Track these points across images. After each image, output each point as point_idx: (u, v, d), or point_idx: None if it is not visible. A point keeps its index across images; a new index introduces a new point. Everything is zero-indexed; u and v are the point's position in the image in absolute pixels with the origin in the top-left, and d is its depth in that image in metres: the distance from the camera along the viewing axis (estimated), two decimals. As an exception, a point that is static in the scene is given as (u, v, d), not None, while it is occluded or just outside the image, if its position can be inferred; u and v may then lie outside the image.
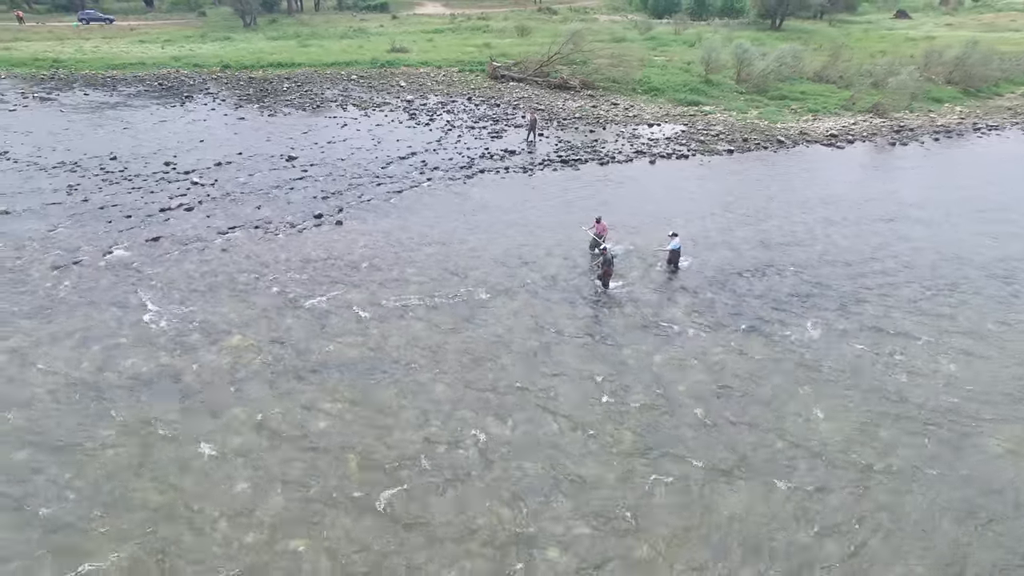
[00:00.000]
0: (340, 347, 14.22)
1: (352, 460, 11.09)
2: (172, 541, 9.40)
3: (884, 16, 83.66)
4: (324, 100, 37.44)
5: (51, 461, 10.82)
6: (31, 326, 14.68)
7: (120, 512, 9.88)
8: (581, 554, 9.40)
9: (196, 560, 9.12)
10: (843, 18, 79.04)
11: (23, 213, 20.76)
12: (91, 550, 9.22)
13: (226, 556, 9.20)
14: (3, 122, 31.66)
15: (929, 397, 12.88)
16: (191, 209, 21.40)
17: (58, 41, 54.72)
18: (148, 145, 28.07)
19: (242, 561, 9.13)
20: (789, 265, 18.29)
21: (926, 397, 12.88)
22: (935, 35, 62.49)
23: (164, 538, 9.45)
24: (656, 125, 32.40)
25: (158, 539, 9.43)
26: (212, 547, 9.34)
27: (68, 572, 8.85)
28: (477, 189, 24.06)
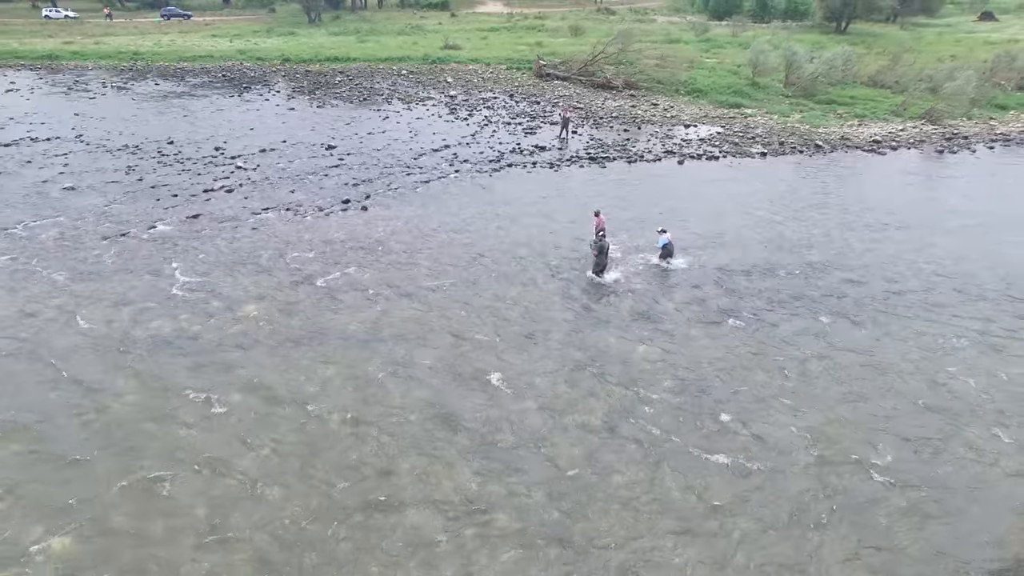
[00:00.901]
0: (343, 321, 15.24)
1: (334, 419, 12.02)
2: (162, 479, 10.54)
3: (967, 19, 79.57)
4: (371, 93, 39.01)
5: (77, 403, 12.21)
6: (77, 287, 16.36)
7: (126, 450, 11.11)
8: (527, 517, 10.00)
9: (181, 494, 10.22)
10: (918, 21, 75.72)
11: (86, 189, 22.86)
12: (98, 477, 10.46)
13: (205, 494, 10.27)
14: (83, 108, 34.56)
15: (904, 405, 12.81)
16: (231, 191, 23.04)
17: (140, 35, 58.73)
18: (203, 131, 30.16)
19: (218, 499, 10.17)
20: (796, 267, 18.25)
21: (901, 405, 12.82)
22: (1020, 38, 59.14)
23: (156, 476, 10.60)
24: (692, 126, 32.35)
25: (151, 476, 10.59)
26: (195, 483, 10.44)
27: (75, 497, 10.09)
28: (502, 182, 24.82)
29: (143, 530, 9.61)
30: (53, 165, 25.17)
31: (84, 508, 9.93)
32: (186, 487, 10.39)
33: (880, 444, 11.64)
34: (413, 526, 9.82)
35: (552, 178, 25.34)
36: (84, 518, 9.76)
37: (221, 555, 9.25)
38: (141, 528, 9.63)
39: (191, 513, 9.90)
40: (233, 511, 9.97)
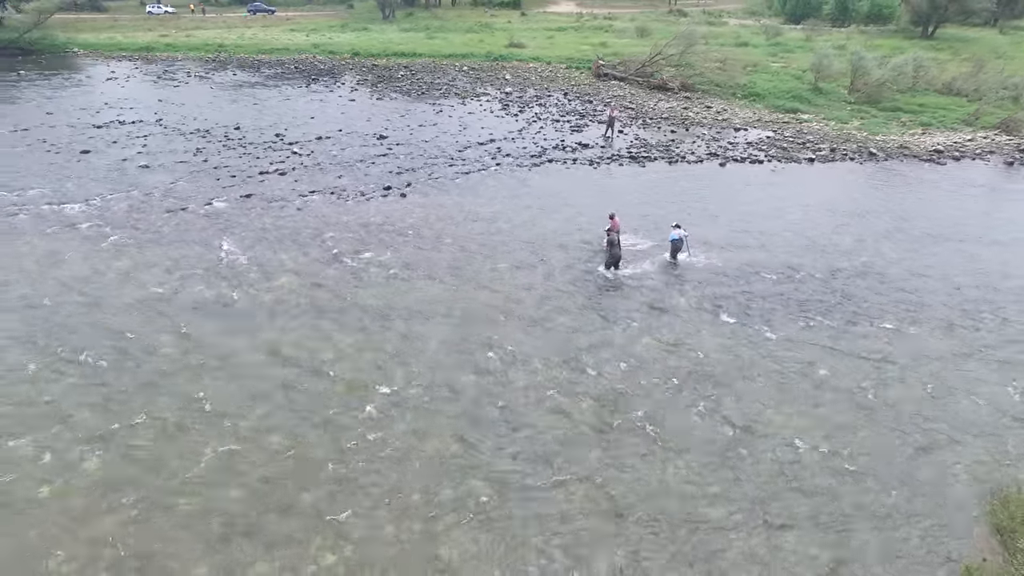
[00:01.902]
0: (365, 296, 16.34)
1: (341, 384, 13.06)
2: (181, 419, 11.86)
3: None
4: (430, 88, 40.39)
5: (123, 349, 13.78)
6: (137, 253, 18.19)
7: (156, 392, 12.52)
8: (509, 481, 10.69)
9: (193, 432, 11.48)
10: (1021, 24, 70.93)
11: (158, 168, 25.06)
12: (131, 411, 11.88)
13: (217, 436, 11.49)
14: (166, 95, 37.53)
15: (897, 415, 12.70)
16: (284, 174, 24.71)
17: (227, 29, 62.59)
18: (268, 119, 32.26)
19: (225, 445, 11.36)
20: (818, 272, 18.07)
21: (895, 414, 12.71)
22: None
23: (177, 415, 11.93)
24: (743, 130, 31.98)
25: (172, 416, 11.93)
26: (208, 428, 11.68)
27: (111, 424, 11.53)
28: (540, 177, 25.47)
29: (161, 456, 10.91)
30: (134, 146, 27.66)
31: (117, 434, 11.35)
32: (199, 427, 11.66)
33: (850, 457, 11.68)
34: (384, 481, 10.70)
35: (590, 175, 25.79)
36: (116, 442, 11.17)
37: (220, 488, 10.41)
38: (159, 455, 10.95)
39: (199, 450, 11.14)
40: (234, 456, 11.13)
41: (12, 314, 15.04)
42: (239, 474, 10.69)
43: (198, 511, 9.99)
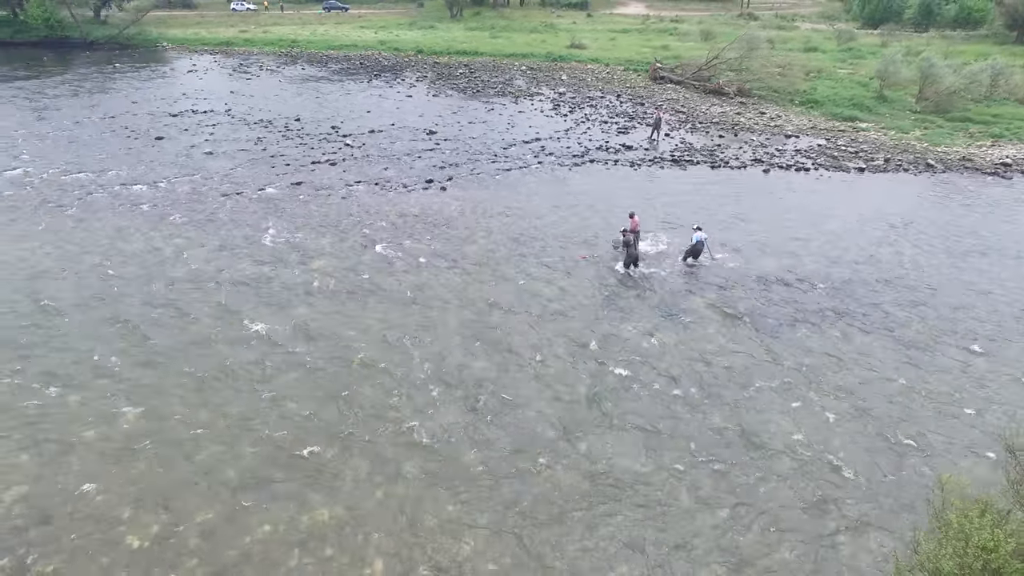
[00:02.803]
0: (392, 281, 17.27)
1: (356, 361, 13.98)
2: (212, 381, 13.03)
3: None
4: (486, 86, 41.29)
5: (168, 318, 15.18)
6: (192, 232, 19.77)
7: (193, 357, 13.78)
8: (496, 457, 11.32)
9: (221, 394, 12.62)
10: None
11: (220, 155, 26.91)
12: (169, 373, 13.16)
13: (240, 398, 12.60)
14: (238, 87, 39.91)
15: (907, 423, 12.56)
16: (335, 164, 26.07)
17: (301, 25, 65.53)
18: (327, 111, 33.92)
19: (246, 406, 12.44)
20: (845, 282, 17.80)
21: (905, 423, 12.57)
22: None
23: (208, 378, 13.11)
24: (794, 137, 31.35)
25: (204, 378, 13.12)
26: (232, 391, 12.81)
27: (151, 382, 12.82)
28: (579, 176, 25.89)
29: (187, 411, 12.10)
30: (202, 133, 29.74)
31: (152, 390, 12.63)
32: (225, 389, 12.81)
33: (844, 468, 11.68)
34: (380, 451, 11.51)
35: (629, 176, 26.00)
36: (150, 397, 12.45)
37: (235, 445, 11.47)
38: (186, 410, 12.14)
39: (222, 409, 12.28)
40: (252, 418, 12.20)
41: (82, 280, 16.75)
42: (254, 433, 11.73)
43: (214, 462, 11.07)
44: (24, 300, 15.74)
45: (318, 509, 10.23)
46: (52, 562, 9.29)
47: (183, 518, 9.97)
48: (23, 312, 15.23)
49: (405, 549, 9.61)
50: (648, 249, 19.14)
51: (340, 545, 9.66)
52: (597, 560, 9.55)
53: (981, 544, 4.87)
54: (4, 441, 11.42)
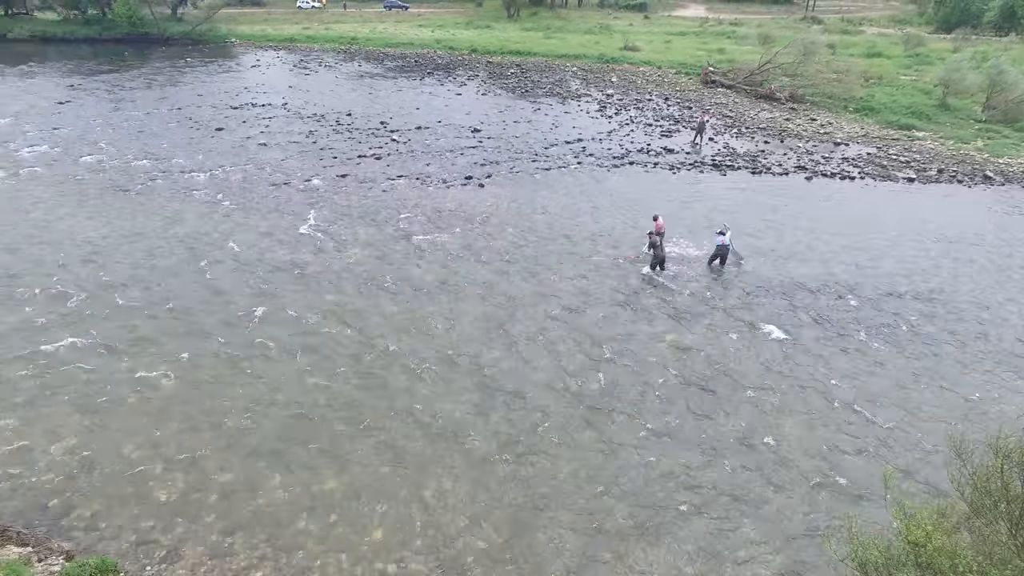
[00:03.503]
0: (421, 272, 17.97)
1: (380, 344, 14.71)
2: (241, 357, 13.98)
3: None
4: (535, 86, 41.75)
5: (207, 296, 16.30)
6: (239, 218, 21.00)
7: (227, 333, 14.79)
8: (498, 443, 11.82)
9: (251, 369, 13.54)
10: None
11: (273, 146, 28.30)
12: (205, 347, 14.20)
13: (267, 374, 13.49)
14: (296, 82, 41.61)
15: (895, 437, 12.39)
16: (379, 158, 27.06)
17: (362, 23, 67.44)
18: (378, 107, 35.07)
19: (272, 381, 13.31)
20: (875, 292, 17.49)
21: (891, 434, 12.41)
22: None
23: (237, 355, 14.08)
24: (843, 145, 30.62)
25: (234, 355, 14.08)
26: (261, 367, 13.72)
27: (186, 352, 13.87)
28: (617, 178, 26.08)
29: (218, 383, 13.06)
30: (258, 126, 31.28)
31: (189, 361, 13.68)
32: (254, 365, 13.74)
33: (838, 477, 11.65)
34: (387, 431, 12.16)
35: (666, 179, 26.02)
36: (188, 368, 13.48)
37: (259, 416, 12.34)
38: (218, 381, 13.10)
39: (250, 382, 13.20)
40: (277, 392, 13.06)
41: (138, 259, 18.11)
42: (276, 406, 12.58)
43: (238, 430, 11.95)
44: (86, 274, 17.16)
45: (327, 479, 10.96)
46: (91, 508, 10.30)
47: (206, 478, 10.86)
48: (85, 286, 16.62)
49: (404, 522, 10.21)
50: (677, 252, 19.24)
51: (345, 513, 10.34)
52: (581, 544, 9.92)
53: (912, 540, 5.05)
54: (60, 400, 12.61)
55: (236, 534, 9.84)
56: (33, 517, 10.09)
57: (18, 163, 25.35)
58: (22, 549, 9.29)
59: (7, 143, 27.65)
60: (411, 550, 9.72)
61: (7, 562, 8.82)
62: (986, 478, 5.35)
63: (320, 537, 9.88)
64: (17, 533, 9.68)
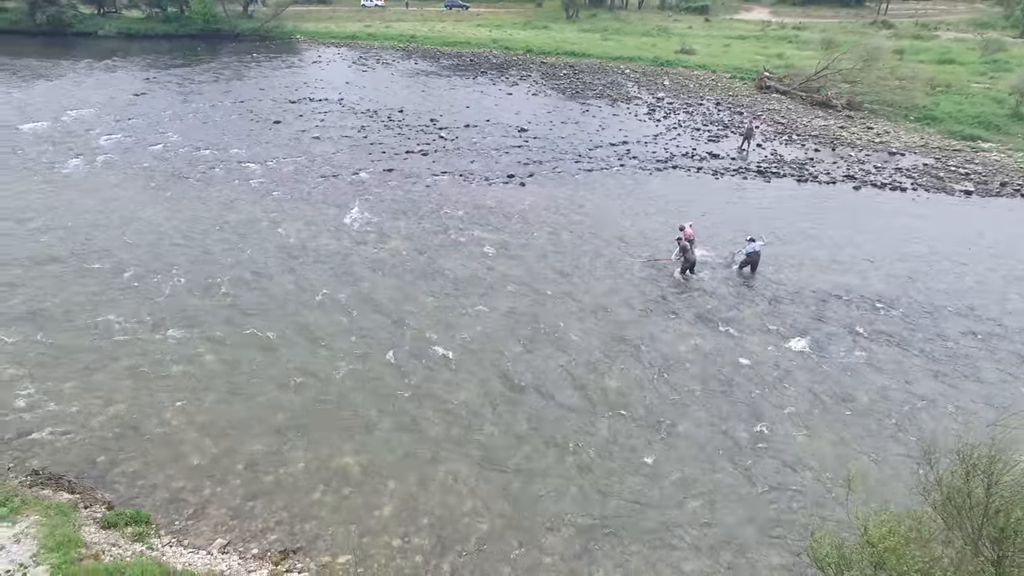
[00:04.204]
0: (455, 265, 18.56)
1: (410, 333, 15.35)
2: (274, 339, 14.86)
3: None
4: (586, 88, 41.91)
5: (252, 279, 17.30)
6: (288, 207, 22.09)
7: (267, 314, 15.72)
8: (512, 433, 12.26)
9: (283, 351, 14.39)
10: None
11: (326, 140, 29.50)
12: (243, 325, 15.16)
13: (299, 355, 14.30)
14: (353, 79, 43.04)
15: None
16: (426, 154, 27.85)
17: (422, 22, 68.93)
18: (429, 105, 35.97)
19: (304, 362, 14.12)
20: (912, 306, 17.06)
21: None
22: None
23: (275, 335, 14.95)
24: (899, 155, 29.64)
25: (271, 336, 14.97)
26: (295, 347, 14.55)
27: (222, 333, 14.85)
28: (658, 182, 26.08)
29: (254, 361, 13.95)
30: (314, 120, 32.62)
31: (228, 339, 14.64)
32: (288, 345, 14.60)
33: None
34: (408, 416, 12.75)
35: (708, 184, 25.86)
36: (226, 345, 14.44)
37: (288, 393, 13.14)
38: (253, 360, 13.99)
39: (281, 362, 14.05)
40: (307, 372, 13.86)
41: (192, 242, 19.35)
42: (306, 385, 13.37)
43: (269, 405, 12.77)
44: (145, 255, 18.47)
45: (346, 455, 11.62)
46: (133, 465, 11.27)
47: (235, 446, 11.69)
48: (143, 265, 17.90)
49: (412, 500, 10.77)
50: (710, 257, 19.22)
51: (359, 487, 10.97)
52: (579, 534, 10.25)
53: (868, 539, 5.20)
54: (114, 368, 13.74)
55: (257, 499, 10.61)
56: (83, 469, 11.13)
57: (95, 150, 27.27)
58: (72, 496, 10.29)
59: (88, 131, 29.75)
60: (416, 526, 10.26)
61: (58, 504, 9.82)
62: (950, 485, 5.44)
63: (333, 508, 10.54)
64: (69, 482, 10.71)
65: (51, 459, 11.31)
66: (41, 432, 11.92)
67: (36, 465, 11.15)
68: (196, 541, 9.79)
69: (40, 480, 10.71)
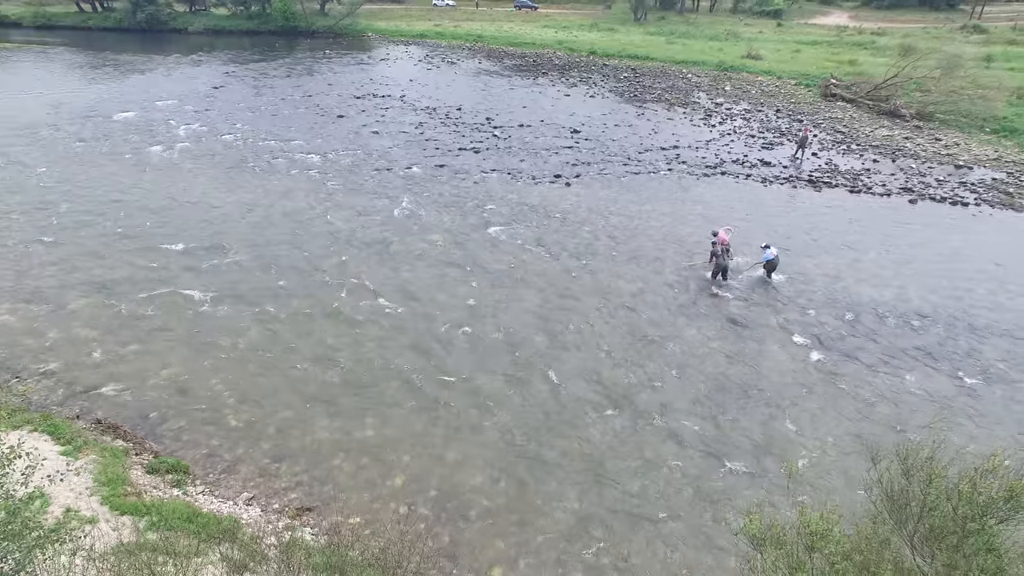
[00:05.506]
0: (492, 260, 19.30)
1: (441, 321, 16.18)
2: (312, 320, 15.97)
3: None
4: (644, 91, 41.87)
5: (299, 263, 18.55)
6: (341, 198, 23.37)
7: (309, 297, 16.88)
8: (527, 423, 12.88)
9: (319, 331, 15.47)
10: None
11: (384, 135, 30.82)
12: (289, 305, 16.36)
13: (334, 336, 15.34)
14: (417, 76, 44.45)
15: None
16: (478, 152, 28.72)
17: (490, 22, 70.04)
18: (487, 104, 36.87)
19: (338, 341, 15.14)
20: (949, 324, 16.60)
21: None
22: None
23: (312, 317, 16.08)
24: (966, 168, 28.42)
25: (311, 316, 16.09)
26: (331, 329, 15.61)
27: (268, 312, 16.07)
28: (704, 187, 26.04)
29: (292, 337, 15.09)
30: (375, 115, 34.06)
31: (274, 317, 15.86)
32: (325, 327, 15.69)
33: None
34: (429, 397, 13.53)
35: (756, 192, 25.62)
36: (269, 322, 15.66)
37: (320, 368, 14.18)
38: (292, 336, 15.14)
39: (318, 339, 15.11)
40: (339, 351, 14.88)
41: (250, 226, 20.86)
42: (338, 362, 14.39)
43: (302, 378, 13.85)
44: (207, 235, 20.06)
45: (367, 428, 12.53)
46: (179, 423, 12.52)
47: (268, 413, 12.79)
48: (205, 244, 19.48)
49: (423, 474, 11.54)
50: (744, 264, 19.23)
51: (376, 458, 11.84)
52: (577, 518, 10.77)
53: (805, 524, 5.54)
54: (171, 336, 15.17)
55: (283, 461, 11.64)
56: (137, 422, 12.46)
57: (174, 139, 29.48)
58: (125, 443, 11.60)
59: (169, 121, 32.15)
60: (423, 497, 11.03)
61: (113, 449, 11.12)
62: (889, 485, 5.70)
63: (350, 474, 11.44)
64: (124, 431, 12.04)
65: (111, 411, 12.71)
66: (105, 387, 13.38)
67: (99, 415, 12.56)
68: (226, 492, 10.88)
69: (101, 427, 12.09)
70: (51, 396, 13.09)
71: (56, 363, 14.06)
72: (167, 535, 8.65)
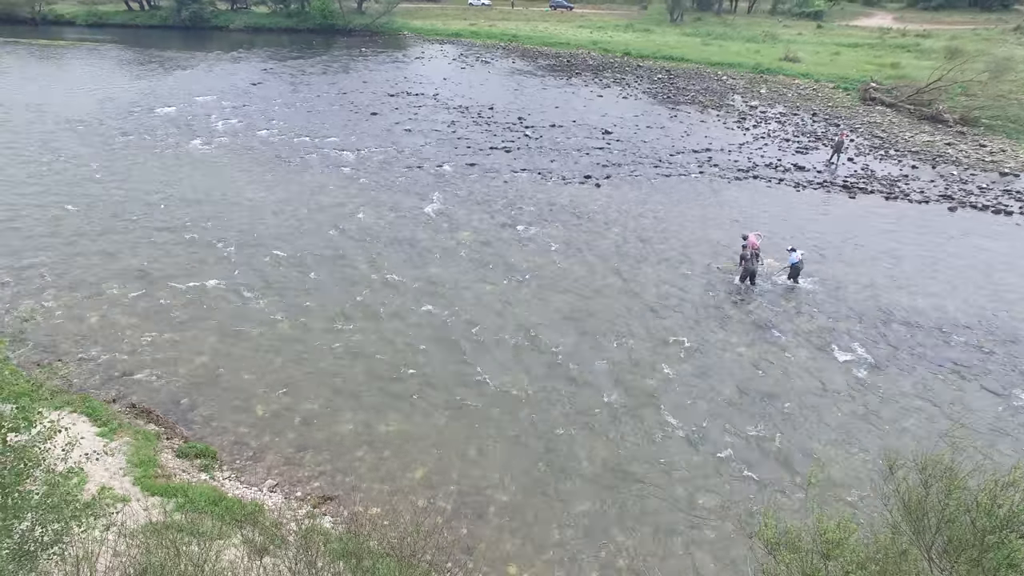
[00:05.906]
0: (518, 259, 19.39)
1: (464, 317, 16.35)
2: (342, 314, 16.26)
3: None
4: (678, 93, 41.52)
5: (328, 255, 18.91)
6: (372, 194, 23.72)
7: (340, 292, 17.20)
8: (546, 419, 12.96)
9: (349, 326, 15.76)
10: None
11: (416, 133, 31.15)
12: (317, 298, 16.70)
13: (363, 330, 15.62)
14: (451, 74, 44.84)
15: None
16: (509, 151, 28.85)
17: (525, 22, 70.13)
18: (519, 103, 36.98)
19: (365, 337, 15.40)
20: (982, 335, 16.14)
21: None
22: None
23: (342, 311, 16.37)
24: (1012, 176, 27.55)
25: (341, 310, 16.39)
26: (360, 324, 15.88)
27: (296, 306, 16.42)
28: (735, 190, 25.75)
29: (322, 331, 15.41)
30: (408, 113, 34.44)
31: (303, 311, 16.21)
32: (354, 322, 15.97)
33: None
34: (451, 392, 13.68)
35: (787, 196, 25.23)
36: (298, 316, 16.01)
37: (347, 362, 14.45)
38: (321, 329, 15.45)
39: (346, 335, 15.41)
40: (367, 345, 15.14)
41: (283, 220, 21.33)
42: (364, 356, 14.65)
43: (330, 371, 14.14)
44: (242, 229, 20.57)
45: (391, 422, 12.74)
46: (209, 410, 12.91)
47: (295, 404, 13.10)
48: (239, 237, 19.98)
49: (443, 468, 11.70)
50: (773, 270, 18.99)
51: (397, 451, 12.04)
52: (590, 516, 10.80)
53: (822, 531, 5.51)
54: (204, 325, 15.62)
55: (307, 451, 11.91)
56: (169, 408, 12.88)
57: (213, 134, 30.26)
58: (157, 427, 12.01)
59: (208, 116, 33.00)
60: (442, 492, 11.18)
61: (146, 432, 11.53)
62: (908, 496, 5.62)
63: (372, 466, 11.66)
64: (157, 416, 12.46)
65: (146, 396, 13.16)
66: (140, 373, 13.86)
67: (134, 400, 13.02)
68: (251, 479, 11.19)
69: (135, 411, 12.53)
70: (90, 379, 13.60)
71: (95, 348, 14.60)
72: (193, 517, 8.96)
